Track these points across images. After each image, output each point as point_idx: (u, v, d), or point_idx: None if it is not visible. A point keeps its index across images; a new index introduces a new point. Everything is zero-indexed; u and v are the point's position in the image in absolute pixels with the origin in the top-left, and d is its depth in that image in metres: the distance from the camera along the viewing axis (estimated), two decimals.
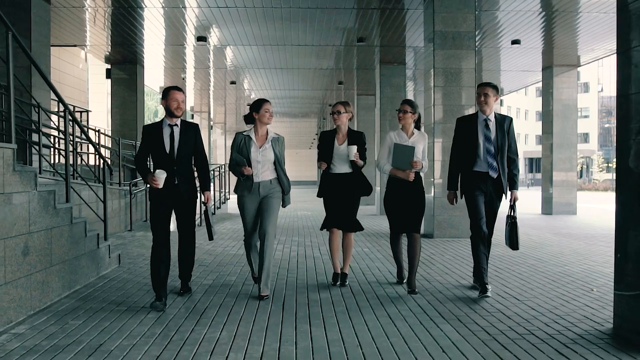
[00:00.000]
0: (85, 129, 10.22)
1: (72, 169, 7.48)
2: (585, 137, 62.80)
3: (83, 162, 9.80)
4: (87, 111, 12.74)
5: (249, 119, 4.98)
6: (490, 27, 11.82)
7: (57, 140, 9.29)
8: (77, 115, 10.48)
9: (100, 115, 19.58)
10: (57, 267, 4.71)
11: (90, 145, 10.89)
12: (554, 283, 5.57)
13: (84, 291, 5.06)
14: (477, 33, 12.03)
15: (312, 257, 7.20)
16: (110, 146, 14.04)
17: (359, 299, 4.89)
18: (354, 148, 5.13)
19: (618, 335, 3.83)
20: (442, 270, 6.28)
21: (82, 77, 16.13)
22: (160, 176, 4.42)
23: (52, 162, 8.83)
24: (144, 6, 10.26)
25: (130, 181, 10.74)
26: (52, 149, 8.98)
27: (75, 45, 13.60)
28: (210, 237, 4.94)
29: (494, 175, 4.91)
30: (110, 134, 14.75)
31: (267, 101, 4.93)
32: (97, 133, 11.51)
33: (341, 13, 10.59)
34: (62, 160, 9.77)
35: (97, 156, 7.27)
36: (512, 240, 5.00)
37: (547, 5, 10.39)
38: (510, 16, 10.92)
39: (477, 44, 13.15)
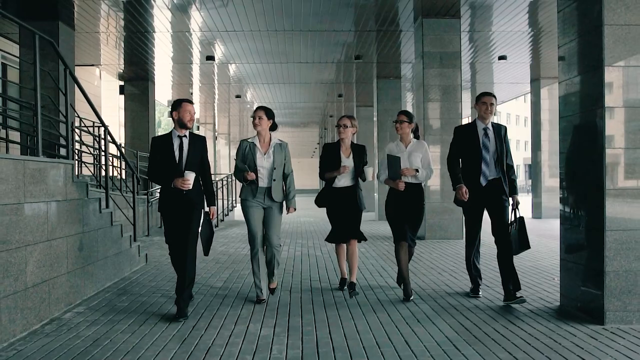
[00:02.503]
0: (120, 146, 11.19)
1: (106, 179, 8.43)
2: None
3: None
4: (106, 126, 13.70)
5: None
6: (482, 44, 12.74)
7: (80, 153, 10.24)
8: (97, 130, 11.41)
9: (112, 129, 20.55)
10: (102, 262, 5.65)
11: (111, 157, 11.83)
12: (522, 274, 6.43)
13: (122, 282, 6.00)
14: (470, 48, 12.99)
15: (314, 256, 8.12)
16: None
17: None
18: (371, 170, 5.35)
19: (562, 309, 4.74)
20: (428, 266, 7.18)
21: (97, 93, 17.11)
22: (190, 176, 4.53)
23: (78, 172, 9.77)
24: (155, 31, 11.25)
25: (146, 190, 11.67)
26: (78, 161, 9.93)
27: (92, 65, 14.60)
28: (206, 253, 4.97)
29: (484, 182, 4.97)
30: (124, 147, 15.72)
31: (258, 108, 5.07)
32: (120, 147, 12.43)
33: (340, 34, 11.55)
34: (85, 171, 10.71)
35: (122, 168, 8.17)
36: (522, 241, 4.94)
37: (533, 24, 11.26)
38: (497, 35, 11.84)
39: (470, 59, 14.12)
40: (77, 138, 9.56)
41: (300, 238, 10.68)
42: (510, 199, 5.05)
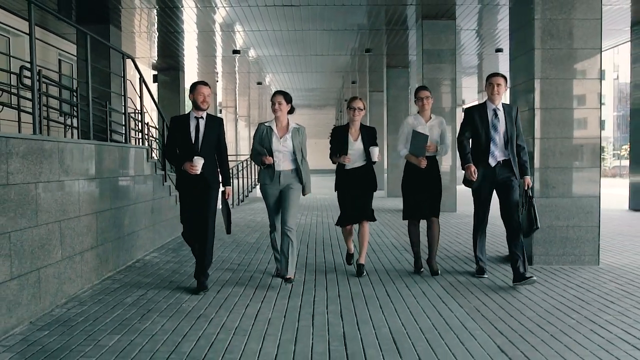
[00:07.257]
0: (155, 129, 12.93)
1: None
2: (602, 124, 63.74)
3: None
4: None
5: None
6: (483, 38, 14.15)
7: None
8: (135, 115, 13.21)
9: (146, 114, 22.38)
10: (164, 223, 7.43)
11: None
12: (495, 236, 8.09)
13: (179, 239, 7.77)
14: (475, 38, 14.40)
15: (327, 223, 9.85)
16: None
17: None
18: (376, 149, 5.26)
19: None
20: None
21: (133, 82, 18.92)
22: (198, 162, 4.63)
23: None
24: (184, 30, 12.95)
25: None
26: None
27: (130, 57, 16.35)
28: (228, 231, 5.13)
29: (493, 163, 5.01)
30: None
31: (277, 93, 5.04)
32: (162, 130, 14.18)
33: (354, 32, 13.09)
34: None
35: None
36: (531, 220, 4.95)
37: None
38: (495, 31, 13.24)
39: (477, 50, 15.51)
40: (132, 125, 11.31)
41: (316, 210, 12.41)
42: (522, 180, 5.10)
